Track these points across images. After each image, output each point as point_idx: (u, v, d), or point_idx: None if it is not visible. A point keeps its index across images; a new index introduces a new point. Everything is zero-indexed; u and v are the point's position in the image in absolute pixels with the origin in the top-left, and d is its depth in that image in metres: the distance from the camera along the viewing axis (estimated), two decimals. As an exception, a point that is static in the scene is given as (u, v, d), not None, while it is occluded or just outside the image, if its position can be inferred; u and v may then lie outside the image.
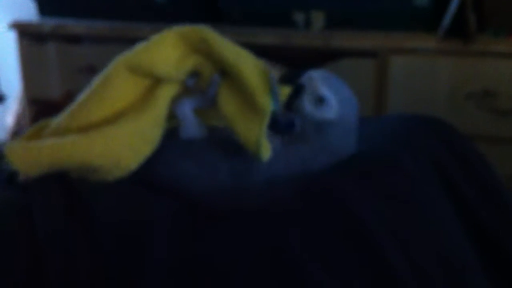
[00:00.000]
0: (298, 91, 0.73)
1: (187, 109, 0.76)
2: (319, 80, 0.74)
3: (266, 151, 0.70)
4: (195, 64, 0.74)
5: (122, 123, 0.71)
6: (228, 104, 0.72)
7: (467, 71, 1.51)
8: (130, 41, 1.71)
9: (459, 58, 1.51)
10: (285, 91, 0.73)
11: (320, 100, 0.73)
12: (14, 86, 2.22)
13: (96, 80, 0.75)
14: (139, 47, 0.75)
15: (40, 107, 1.93)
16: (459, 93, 1.52)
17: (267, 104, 0.69)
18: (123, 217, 0.67)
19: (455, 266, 0.73)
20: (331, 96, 0.73)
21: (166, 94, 0.73)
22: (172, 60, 0.73)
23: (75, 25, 1.84)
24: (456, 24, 1.51)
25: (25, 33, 1.88)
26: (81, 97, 0.75)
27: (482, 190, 0.85)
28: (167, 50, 0.74)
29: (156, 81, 0.74)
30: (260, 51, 1.70)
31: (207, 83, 0.75)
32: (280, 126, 0.73)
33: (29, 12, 2.03)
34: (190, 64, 0.74)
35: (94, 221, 0.66)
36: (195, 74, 0.76)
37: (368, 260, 0.67)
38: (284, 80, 0.74)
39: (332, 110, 0.73)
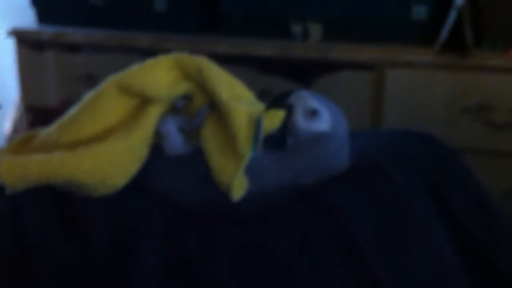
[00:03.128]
0: (288, 112, 0.74)
1: (171, 127, 0.77)
2: (307, 96, 0.75)
3: (237, 192, 0.70)
4: (187, 90, 0.75)
5: (111, 141, 0.72)
6: (210, 139, 0.73)
7: (463, 85, 1.52)
8: (129, 50, 1.73)
9: (456, 71, 1.52)
10: (279, 114, 0.74)
11: (312, 113, 0.74)
12: (12, 93, 2.22)
13: (87, 97, 0.76)
14: (133, 68, 0.76)
15: (38, 114, 1.93)
16: (456, 106, 1.53)
17: (247, 151, 0.70)
18: (114, 222, 0.68)
19: (440, 274, 0.75)
20: (322, 108, 0.75)
21: (155, 113, 0.74)
22: (164, 83, 0.74)
23: (74, 33, 1.84)
24: (453, 37, 1.52)
25: (24, 40, 1.89)
26: (72, 112, 0.76)
27: (469, 202, 0.86)
28: (160, 73, 0.75)
29: (146, 100, 0.75)
30: (258, 62, 1.72)
31: (195, 109, 0.76)
32: (272, 142, 0.74)
33: (27, 19, 2.03)
34: (182, 89, 0.75)
35: (85, 226, 0.67)
36: (186, 97, 0.76)
37: (352, 264, 0.69)
38: (273, 104, 0.75)
39: (325, 121, 0.75)
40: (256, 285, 0.65)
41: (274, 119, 0.73)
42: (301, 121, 0.74)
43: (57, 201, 0.70)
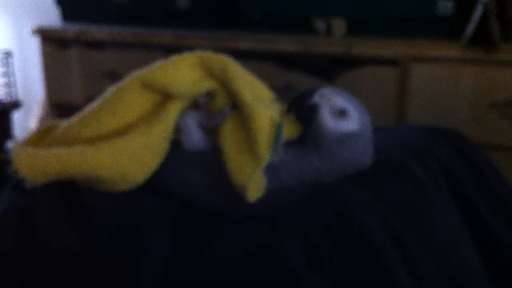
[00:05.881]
0: (313, 111, 0.72)
1: (190, 121, 0.76)
2: (333, 94, 0.73)
3: (252, 193, 0.69)
4: (210, 88, 0.75)
5: (132, 136, 0.72)
6: (228, 139, 0.72)
7: (490, 80, 1.49)
8: (152, 47, 1.74)
9: (482, 66, 1.50)
10: (296, 126, 0.73)
11: (341, 113, 0.71)
12: (37, 91, 2.25)
13: (109, 92, 0.76)
14: (156, 64, 0.76)
15: (63, 111, 1.96)
16: (482, 102, 1.50)
17: (266, 155, 0.69)
18: (121, 220, 0.68)
19: (461, 278, 0.73)
20: (350, 106, 0.72)
21: (176, 109, 0.74)
22: (188, 81, 0.74)
23: (97, 31, 1.86)
24: (479, 32, 1.50)
25: (49, 38, 1.91)
26: (94, 105, 0.76)
27: (494, 201, 0.84)
28: (184, 70, 0.74)
29: (168, 96, 0.75)
30: (281, 58, 1.71)
31: (217, 108, 0.75)
32: (293, 142, 0.73)
33: (52, 17, 2.05)
34: (204, 87, 0.75)
35: (92, 223, 0.67)
36: (208, 93, 0.76)
37: (367, 267, 0.67)
38: (295, 103, 0.73)
39: (354, 120, 0.72)
40: (258, 285, 0.65)
41: (292, 128, 0.72)
42: (329, 122, 0.71)
43: (66, 196, 0.70)
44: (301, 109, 0.72)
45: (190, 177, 0.73)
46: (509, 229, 0.83)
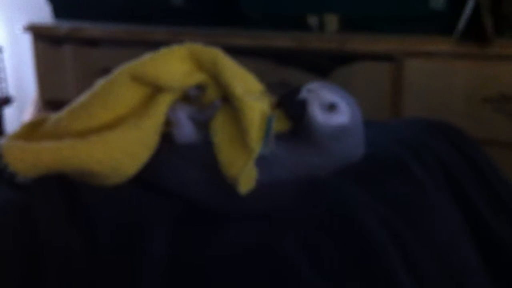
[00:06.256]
0: (302, 107, 0.72)
1: (181, 114, 0.76)
2: (321, 88, 0.73)
3: (245, 186, 0.69)
4: (200, 81, 0.75)
5: (123, 130, 0.71)
6: (220, 132, 0.72)
7: (483, 75, 1.49)
8: (146, 44, 1.73)
9: (475, 61, 1.50)
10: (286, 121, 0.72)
11: (331, 107, 0.72)
12: (30, 88, 2.24)
13: (99, 85, 0.76)
14: (146, 57, 0.75)
15: (56, 108, 1.94)
16: (476, 97, 1.51)
17: (257, 147, 0.69)
18: (122, 219, 0.68)
19: (462, 278, 0.73)
20: (339, 99, 0.73)
21: (166, 102, 0.74)
22: (178, 74, 0.74)
23: (91, 28, 1.85)
24: (473, 27, 1.50)
25: (41, 35, 1.90)
26: (83, 99, 0.75)
27: (494, 200, 0.84)
28: (174, 63, 0.74)
29: (158, 89, 0.74)
30: (275, 55, 1.71)
31: (208, 101, 0.75)
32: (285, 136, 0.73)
33: (43, 14, 2.04)
34: (195, 80, 0.75)
35: (93, 222, 0.67)
36: (199, 87, 0.76)
37: (367, 267, 0.67)
38: (284, 100, 0.73)
39: (345, 114, 0.72)
40: (258, 283, 0.65)
41: (282, 123, 0.72)
42: (319, 116, 0.72)
43: (67, 195, 0.70)
44: (290, 106, 0.72)
45: (189, 174, 0.73)
46: (509, 229, 0.83)
